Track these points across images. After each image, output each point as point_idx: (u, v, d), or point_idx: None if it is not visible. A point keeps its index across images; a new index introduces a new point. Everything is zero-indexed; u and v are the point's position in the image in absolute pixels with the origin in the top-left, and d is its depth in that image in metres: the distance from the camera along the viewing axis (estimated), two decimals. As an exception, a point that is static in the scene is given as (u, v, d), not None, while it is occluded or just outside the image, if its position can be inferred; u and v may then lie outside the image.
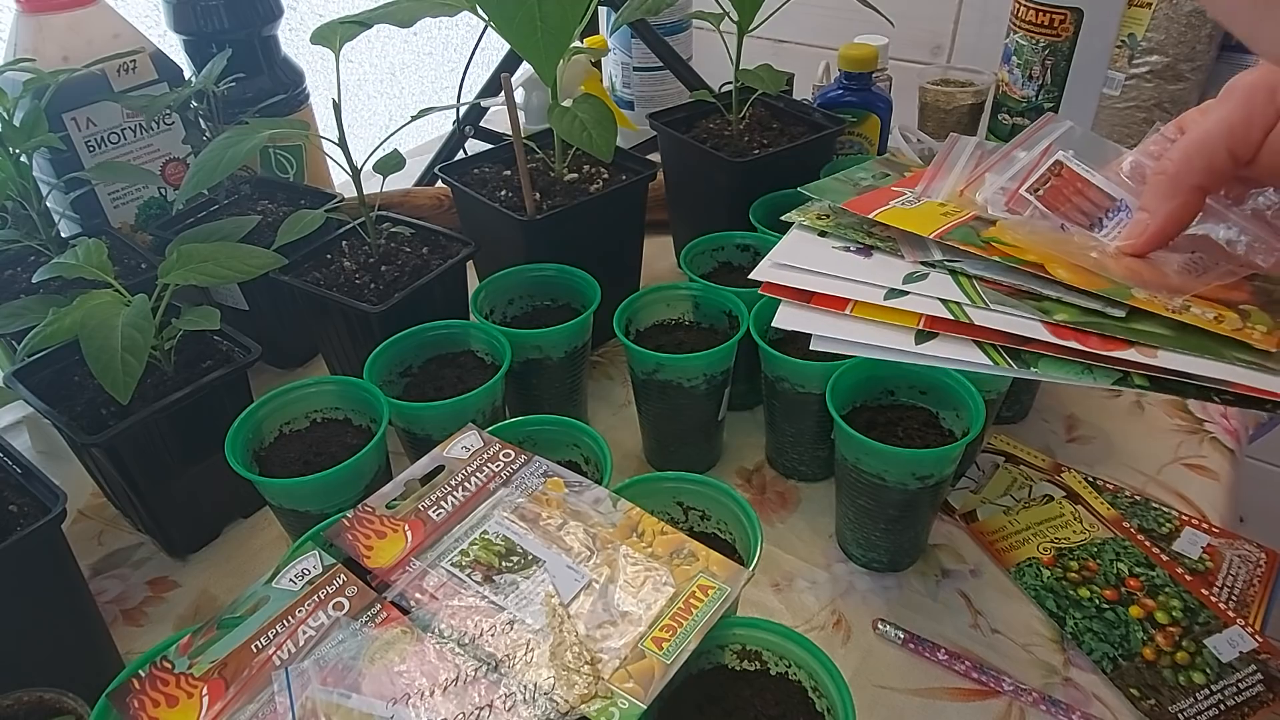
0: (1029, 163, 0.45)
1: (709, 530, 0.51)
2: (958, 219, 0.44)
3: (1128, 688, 0.51)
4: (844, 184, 0.49)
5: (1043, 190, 0.43)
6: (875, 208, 0.46)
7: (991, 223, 0.43)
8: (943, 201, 0.46)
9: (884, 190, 0.48)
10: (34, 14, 0.73)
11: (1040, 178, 0.43)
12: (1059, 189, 0.43)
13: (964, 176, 0.48)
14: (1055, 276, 0.39)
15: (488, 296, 0.68)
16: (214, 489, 0.61)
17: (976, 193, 0.45)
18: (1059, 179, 0.43)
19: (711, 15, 0.75)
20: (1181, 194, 0.38)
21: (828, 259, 0.43)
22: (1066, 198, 0.42)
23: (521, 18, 0.58)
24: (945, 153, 0.50)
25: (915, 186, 0.48)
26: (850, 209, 0.46)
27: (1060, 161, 0.43)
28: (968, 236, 0.42)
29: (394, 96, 1.32)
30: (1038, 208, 0.42)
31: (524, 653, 0.38)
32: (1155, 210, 0.39)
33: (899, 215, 0.45)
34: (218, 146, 0.58)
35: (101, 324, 0.52)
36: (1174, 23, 0.94)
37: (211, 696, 0.38)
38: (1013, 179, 0.45)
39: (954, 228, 0.43)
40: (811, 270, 0.42)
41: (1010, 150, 0.47)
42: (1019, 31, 0.92)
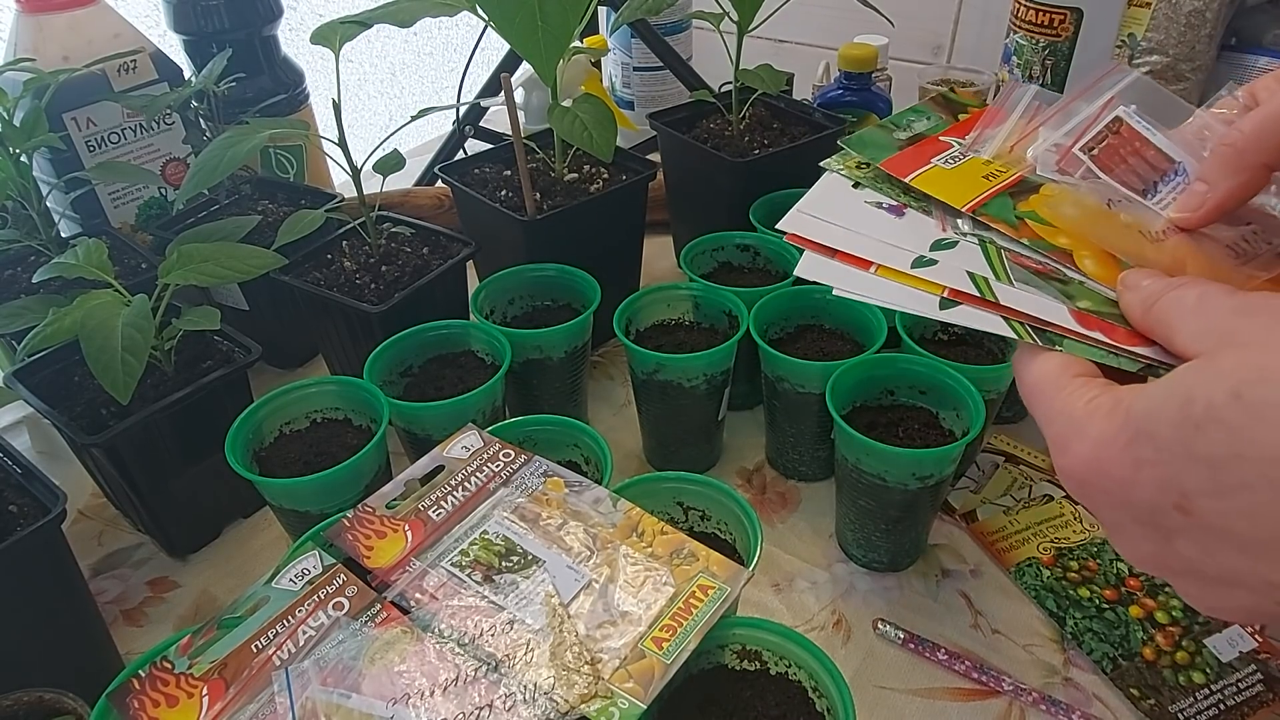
0: (1088, 116, 0.41)
1: (709, 530, 0.51)
2: (998, 184, 0.41)
3: (1128, 687, 0.51)
4: (886, 134, 0.46)
5: (1098, 149, 0.39)
6: (914, 169, 0.43)
7: (1034, 188, 0.41)
8: (988, 159, 0.43)
9: (929, 142, 0.45)
10: (34, 14, 0.73)
11: (1097, 135, 0.39)
12: (1115, 148, 0.39)
13: (1017, 129, 0.44)
14: (1081, 268, 0.37)
15: (488, 296, 0.68)
16: (214, 489, 0.61)
17: (1028, 148, 0.42)
18: (1116, 137, 0.39)
19: (711, 15, 0.75)
20: (1246, 170, 0.35)
21: (858, 215, 0.41)
22: (1123, 158, 0.39)
23: (521, 18, 0.58)
24: (1003, 100, 0.46)
25: (966, 135, 0.45)
26: (889, 170, 0.43)
27: (1120, 118, 0.39)
28: (1003, 211, 0.40)
29: (394, 96, 1.32)
30: (1090, 168, 0.39)
31: (524, 653, 0.38)
32: (1215, 184, 0.36)
33: (937, 179, 0.42)
34: (218, 146, 0.58)
35: (101, 324, 0.52)
36: (1174, 22, 0.94)
37: (211, 697, 0.38)
38: (1068, 134, 0.41)
39: (991, 197, 0.40)
40: (840, 226, 0.40)
41: (1069, 101, 0.43)
42: (1019, 31, 0.92)
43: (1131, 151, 0.39)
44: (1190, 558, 0.26)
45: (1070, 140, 0.41)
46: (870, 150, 0.44)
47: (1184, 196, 0.38)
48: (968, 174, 0.42)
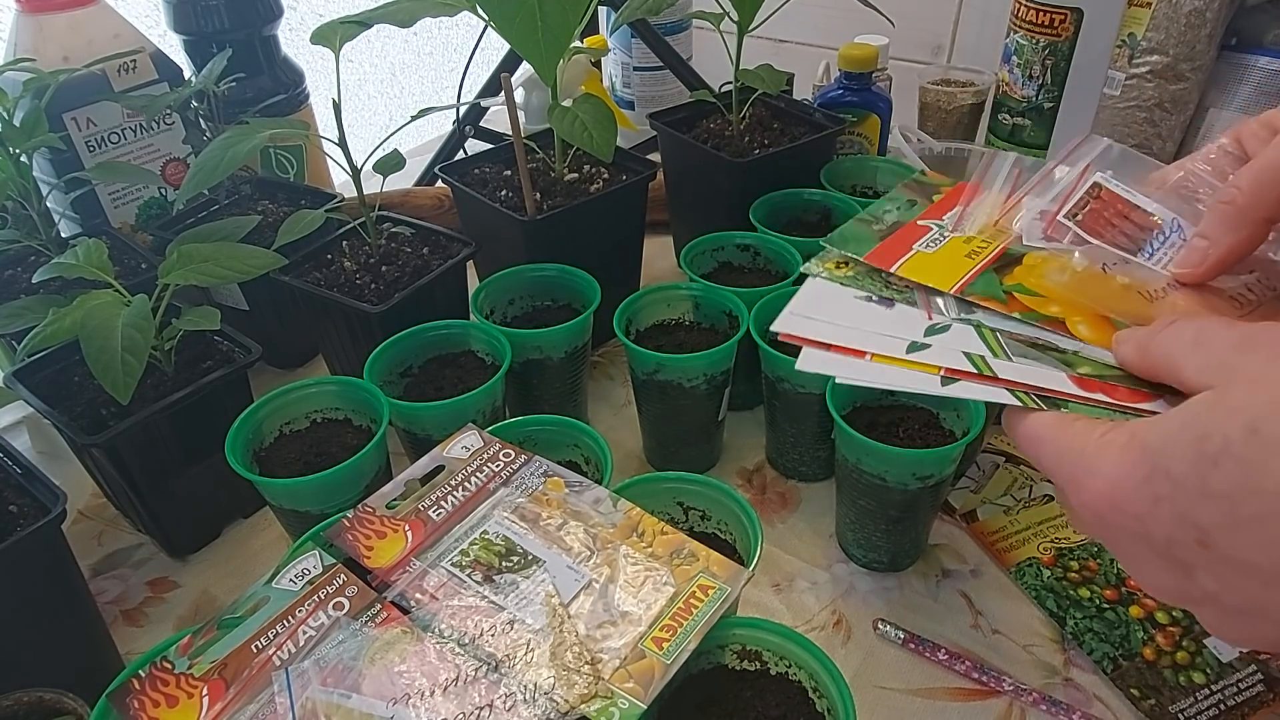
0: (1069, 184, 0.42)
1: (709, 530, 0.51)
2: (981, 260, 0.42)
3: (1128, 688, 0.51)
4: (866, 226, 0.46)
5: (1081, 215, 0.40)
6: (898, 256, 0.43)
7: (1018, 260, 0.41)
8: (969, 237, 0.44)
9: (908, 228, 0.46)
10: (34, 14, 0.73)
11: (1079, 201, 0.41)
12: (1098, 212, 0.40)
13: (1000, 201, 0.45)
14: (1076, 334, 0.37)
15: (488, 296, 0.68)
16: (214, 489, 0.61)
17: (1014, 220, 0.43)
18: (1098, 201, 0.40)
19: (711, 15, 0.75)
20: (1248, 226, 0.35)
21: (849, 310, 0.41)
22: (1108, 220, 0.40)
23: (521, 18, 0.58)
24: (982, 172, 0.47)
25: (946, 214, 0.46)
26: (872, 262, 0.43)
27: (1098, 183, 0.41)
28: (990, 287, 0.40)
29: (394, 96, 1.32)
30: (1077, 233, 0.40)
31: (524, 653, 0.38)
32: (1218, 241, 0.36)
33: (921, 264, 0.43)
34: (218, 146, 0.58)
35: (102, 324, 0.52)
36: (1174, 22, 0.94)
37: (212, 697, 0.38)
38: (1053, 200, 0.42)
39: (976, 276, 0.41)
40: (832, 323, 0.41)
41: (1050, 169, 0.44)
42: (1019, 31, 0.92)
43: (1116, 214, 0.40)
44: (1211, 589, 0.27)
45: (1055, 207, 0.41)
46: (852, 245, 0.45)
47: (1185, 253, 0.38)
48: (950, 255, 0.43)
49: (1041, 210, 0.42)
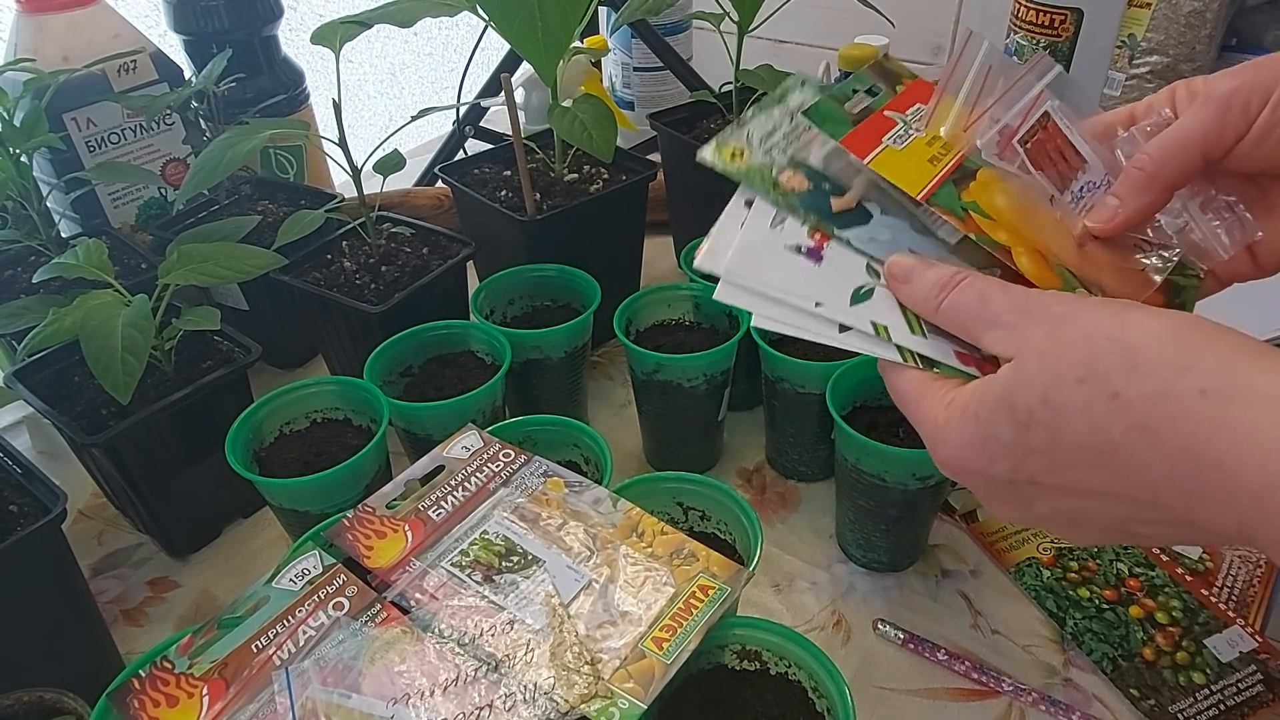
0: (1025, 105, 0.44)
1: (709, 530, 0.51)
2: (941, 169, 0.43)
3: (1128, 688, 0.51)
4: (839, 107, 0.45)
5: (1030, 143, 0.43)
6: (870, 149, 0.44)
7: (972, 174, 0.43)
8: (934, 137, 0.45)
9: (876, 118, 0.46)
10: (34, 14, 0.73)
11: (1030, 129, 0.43)
12: (1043, 144, 0.43)
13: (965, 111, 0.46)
14: (1019, 265, 0.40)
15: (488, 297, 0.68)
16: (214, 489, 0.61)
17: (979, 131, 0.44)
18: (1044, 132, 0.43)
19: (712, 15, 0.75)
20: (1154, 192, 0.41)
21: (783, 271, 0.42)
22: (1048, 154, 0.43)
23: (521, 18, 0.58)
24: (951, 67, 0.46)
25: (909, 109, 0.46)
26: (848, 147, 0.43)
27: (1048, 113, 0.43)
28: (949, 201, 0.42)
29: (394, 96, 1.32)
30: (1024, 161, 0.43)
31: (524, 653, 0.38)
32: (1126, 201, 0.41)
33: (890, 161, 0.43)
34: (218, 147, 0.58)
35: (102, 324, 0.52)
36: (1174, 23, 0.94)
37: (212, 696, 0.38)
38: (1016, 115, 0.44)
39: (938, 185, 0.42)
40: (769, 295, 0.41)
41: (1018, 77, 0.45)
42: (1019, 32, 0.92)
43: (1055, 149, 0.43)
44: (1047, 514, 0.34)
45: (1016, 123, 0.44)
46: (829, 125, 0.45)
47: (1098, 209, 0.42)
48: (915, 156, 0.44)
49: (1003, 125, 0.44)
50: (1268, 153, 0.39)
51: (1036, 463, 0.32)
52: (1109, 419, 0.30)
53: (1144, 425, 0.29)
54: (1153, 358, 0.30)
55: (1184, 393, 0.28)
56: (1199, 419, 0.28)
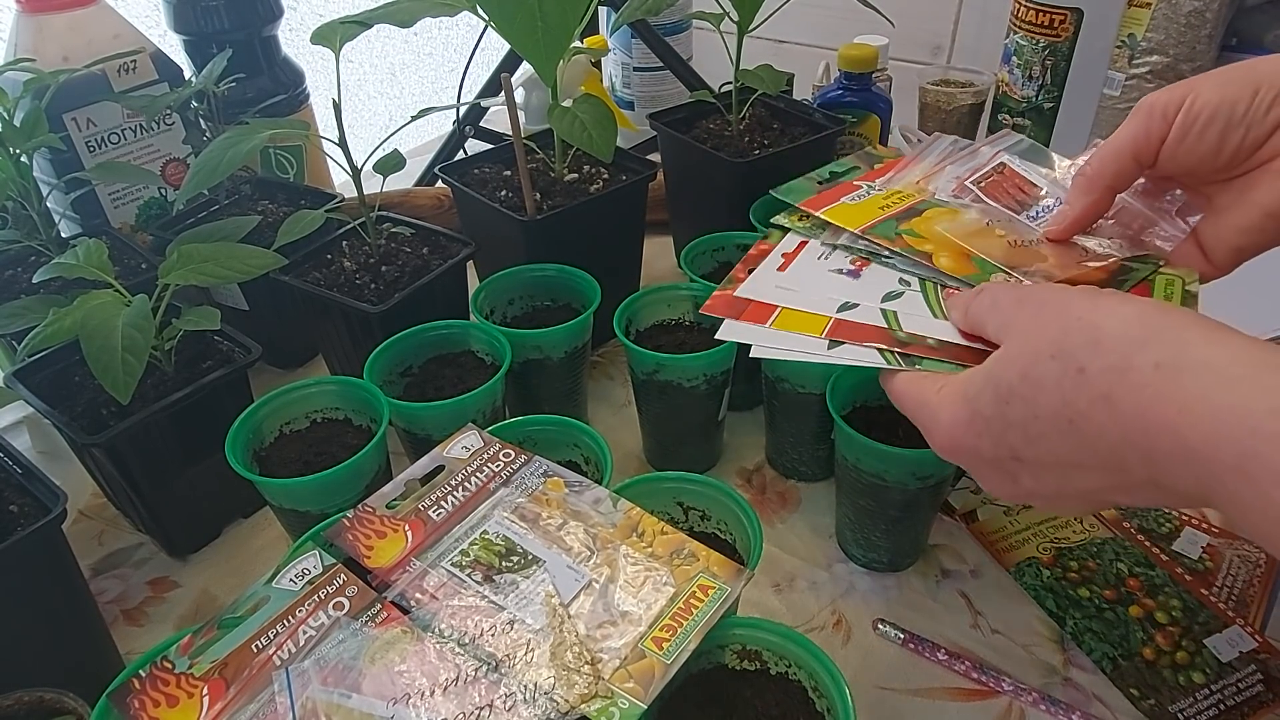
0: (981, 162, 0.55)
1: (709, 530, 0.51)
2: (889, 213, 0.53)
3: (1128, 687, 0.51)
4: (810, 182, 0.58)
5: (985, 184, 0.52)
6: (824, 204, 0.55)
7: (919, 213, 0.52)
8: (892, 191, 0.55)
9: (843, 186, 0.57)
10: (34, 14, 0.73)
11: (985, 174, 0.53)
12: (999, 183, 0.53)
13: (930, 168, 0.57)
14: (938, 265, 0.48)
15: (488, 296, 0.68)
16: (214, 489, 0.61)
17: (932, 182, 0.55)
18: (1000, 176, 0.53)
19: (711, 15, 0.75)
20: (1096, 192, 0.48)
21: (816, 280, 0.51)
22: (1004, 190, 0.52)
23: (521, 18, 0.58)
24: (924, 147, 0.58)
25: (879, 179, 0.57)
26: (804, 207, 0.55)
27: (1004, 163, 0.53)
28: (885, 230, 0.51)
29: (394, 96, 1.32)
30: (977, 195, 0.52)
31: (524, 653, 0.38)
32: (1074, 204, 0.49)
33: (840, 211, 0.54)
34: (218, 147, 0.58)
35: (102, 324, 0.52)
36: (1174, 23, 0.94)
37: (212, 696, 0.38)
38: (969, 170, 0.54)
39: (879, 223, 0.52)
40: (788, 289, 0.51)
41: (976, 148, 0.57)
42: (1019, 32, 0.92)
43: (1012, 185, 0.53)
44: (1031, 487, 0.37)
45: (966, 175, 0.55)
46: (794, 195, 0.57)
47: (1053, 216, 0.51)
48: (867, 207, 0.54)
49: (956, 176, 0.54)
50: (1190, 150, 0.44)
51: (1015, 436, 0.35)
52: (1076, 391, 0.33)
53: (1106, 396, 0.32)
54: (1116, 335, 0.33)
55: (1141, 366, 0.31)
56: (1154, 390, 0.31)
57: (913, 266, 0.49)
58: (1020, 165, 0.52)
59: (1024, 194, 0.51)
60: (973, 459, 0.38)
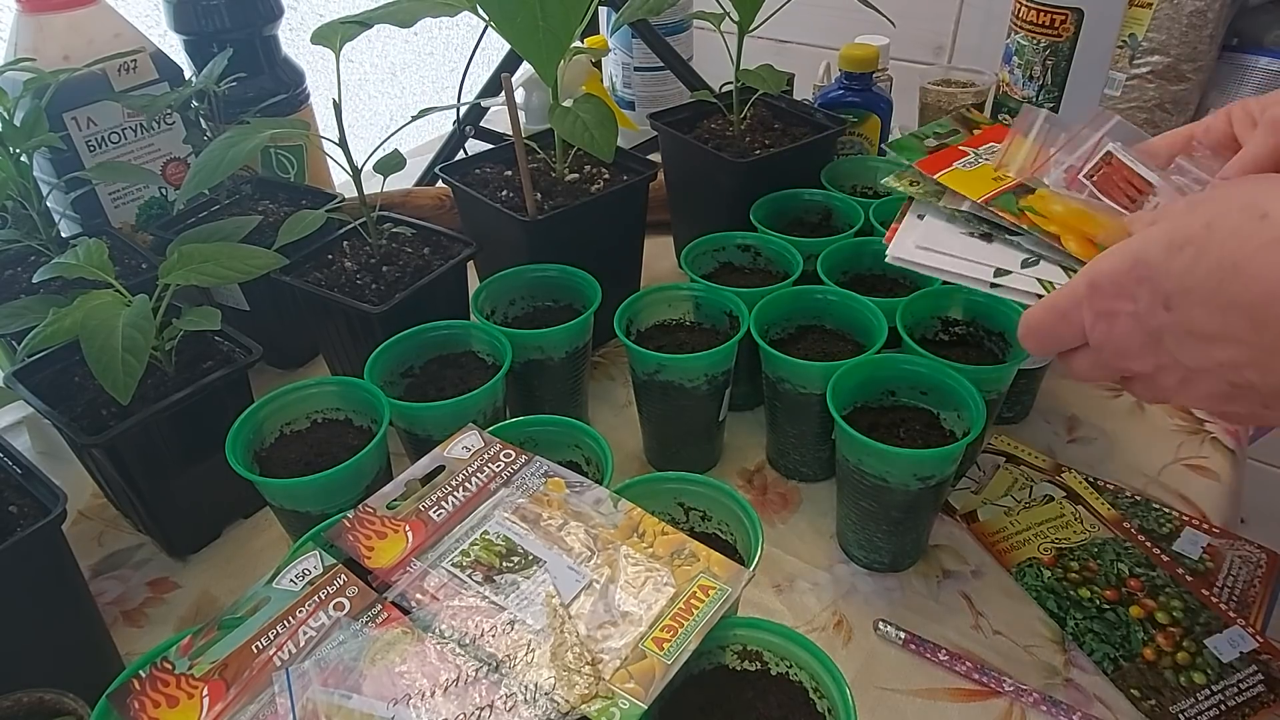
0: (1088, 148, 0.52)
1: (710, 531, 0.51)
2: (1003, 185, 0.52)
3: (1129, 688, 0.51)
4: (917, 141, 0.58)
5: (1096, 176, 0.50)
6: (941, 168, 0.54)
7: (1031, 191, 0.51)
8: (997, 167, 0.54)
9: (950, 150, 0.57)
10: (34, 14, 0.73)
11: (1095, 166, 0.50)
12: (1109, 176, 0.50)
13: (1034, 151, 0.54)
14: (1066, 248, 0.47)
15: (489, 297, 0.68)
16: (214, 489, 0.61)
17: (1046, 175, 0.52)
18: (1109, 167, 0.50)
19: (712, 15, 0.75)
20: None
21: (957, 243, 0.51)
22: (1115, 184, 0.50)
23: (522, 18, 0.57)
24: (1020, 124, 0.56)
25: (982, 146, 0.57)
26: (920, 168, 0.54)
27: (1111, 153, 0.50)
28: (1007, 204, 0.50)
29: (394, 96, 1.32)
30: (1092, 190, 0.50)
31: (525, 653, 0.38)
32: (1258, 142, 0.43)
33: (957, 177, 0.53)
34: (218, 146, 0.58)
35: (102, 324, 0.52)
36: (1175, 23, 0.94)
37: (212, 697, 0.38)
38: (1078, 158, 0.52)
39: (998, 194, 0.51)
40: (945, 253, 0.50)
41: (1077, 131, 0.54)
42: (1020, 32, 0.92)
43: (1122, 179, 0.50)
44: (1173, 350, 0.36)
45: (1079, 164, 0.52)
46: (906, 153, 0.57)
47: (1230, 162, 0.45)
48: (981, 176, 0.53)
49: (1068, 166, 0.52)
50: None
51: (1172, 284, 0.35)
52: (1251, 233, 0.32)
53: (1278, 240, 0.32)
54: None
55: None
56: None
57: (1040, 247, 0.48)
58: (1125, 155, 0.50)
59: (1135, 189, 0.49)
60: (1122, 310, 0.37)
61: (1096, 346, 0.39)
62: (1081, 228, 0.48)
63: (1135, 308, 0.36)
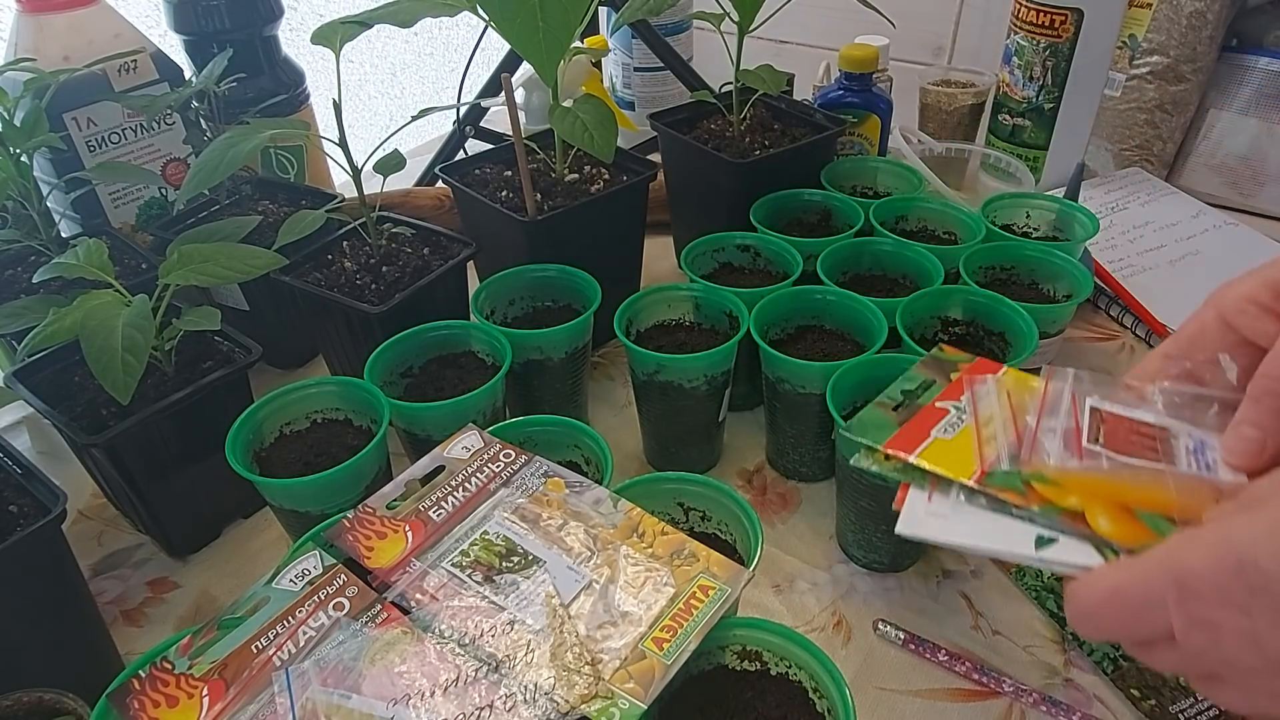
0: (1067, 407, 0.43)
1: (709, 531, 0.51)
2: (1000, 451, 0.42)
3: (1128, 688, 0.51)
4: (885, 411, 0.45)
5: (1102, 438, 0.41)
6: (917, 443, 0.43)
7: None
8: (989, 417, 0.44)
9: (927, 411, 0.45)
10: (34, 14, 0.73)
11: (1091, 427, 0.41)
12: (1114, 432, 0.41)
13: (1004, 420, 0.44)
14: (1095, 528, 0.37)
15: (488, 297, 0.68)
16: (214, 489, 0.61)
17: (1042, 454, 0.41)
18: (1107, 424, 0.41)
19: (712, 15, 0.75)
20: None
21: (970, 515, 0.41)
22: (1126, 439, 0.40)
23: (522, 18, 0.57)
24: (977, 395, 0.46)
25: (962, 395, 0.46)
26: (892, 450, 0.43)
27: (1095, 409, 0.42)
28: (1009, 480, 0.40)
29: (394, 96, 1.32)
30: (1110, 456, 0.40)
31: (524, 653, 0.38)
32: (1274, 433, 0.37)
33: (939, 452, 0.42)
34: (218, 146, 0.58)
35: (102, 324, 0.52)
36: (1175, 23, 0.94)
37: (212, 697, 0.38)
38: (1066, 416, 0.42)
39: (996, 471, 0.41)
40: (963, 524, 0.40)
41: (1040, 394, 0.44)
42: (1020, 32, 0.92)
43: (1131, 433, 0.41)
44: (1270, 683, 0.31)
45: (1070, 433, 0.42)
46: (871, 433, 0.44)
47: (1239, 444, 0.38)
48: (966, 443, 0.42)
49: (1056, 434, 0.42)
50: None
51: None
52: None
53: None
54: None
55: None
56: None
57: (1062, 528, 0.38)
58: (1114, 406, 0.42)
59: (1149, 438, 0.40)
60: (1224, 633, 0.31)
61: (1194, 655, 0.33)
62: (1115, 497, 0.38)
63: (1252, 625, 0.30)
